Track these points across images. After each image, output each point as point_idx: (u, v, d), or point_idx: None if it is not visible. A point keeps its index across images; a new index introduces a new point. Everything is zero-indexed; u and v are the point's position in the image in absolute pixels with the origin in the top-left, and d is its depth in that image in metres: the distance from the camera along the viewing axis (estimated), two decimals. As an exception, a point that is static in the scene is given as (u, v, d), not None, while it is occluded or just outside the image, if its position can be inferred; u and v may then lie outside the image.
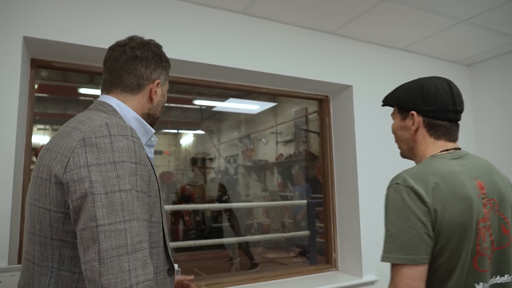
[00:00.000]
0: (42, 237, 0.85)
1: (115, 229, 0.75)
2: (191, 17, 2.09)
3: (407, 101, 1.13)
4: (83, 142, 0.82)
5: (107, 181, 0.78)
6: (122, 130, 0.85)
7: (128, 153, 0.83)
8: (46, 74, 2.07)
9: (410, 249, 0.93)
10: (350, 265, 2.55)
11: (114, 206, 0.77)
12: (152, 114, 1.08)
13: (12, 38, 1.64)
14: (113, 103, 1.00)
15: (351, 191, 2.56)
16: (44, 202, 0.84)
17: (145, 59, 1.05)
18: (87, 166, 0.79)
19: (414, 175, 1.00)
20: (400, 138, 1.18)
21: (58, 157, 0.83)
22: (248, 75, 2.32)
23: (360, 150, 2.52)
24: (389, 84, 2.71)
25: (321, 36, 2.51)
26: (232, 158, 8.29)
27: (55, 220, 0.83)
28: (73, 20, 1.79)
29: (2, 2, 1.64)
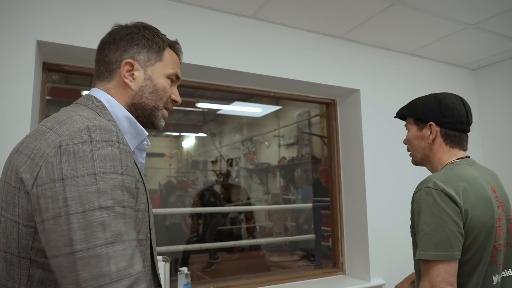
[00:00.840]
0: (8, 253, 0.72)
1: (95, 255, 0.63)
2: (200, 21, 2.10)
3: (426, 113, 1.24)
4: (58, 149, 0.68)
5: (85, 197, 0.65)
6: (106, 135, 0.72)
7: (113, 163, 0.70)
8: (57, 77, 2.08)
9: (445, 246, 1.03)
10: (357, 269, 2.55)
11: (93, 227, 0.64)
12: (138, 103, 0.90)
13: (26, 42, 1.65)
14: (103, 98, 0.87)
15: (358, 195, 2.56)
16: (12, 213, 0.71)
17: (112, 41, 0.91)
18: (62, 180, 0.66)
19: (443, 180, 1.11)
20: (415, 146, 1.29)
21: (28, 163, 0.70)
22: (255, 78, 2.33)
23: (367, 153, 2.53)
24: (396, 88, 2.74)
25: (329, 40, 2.52)
26: (234, 161, 8.29)
27: (23, 235, 0.70)
28: (85, 24, 1.80)
29: (16, 7, 1.65)
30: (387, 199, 2.52)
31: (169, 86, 0.95)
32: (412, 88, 2.78)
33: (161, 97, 0.93)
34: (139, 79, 0.90)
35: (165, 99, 0.94)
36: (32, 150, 0.71)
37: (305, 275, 2.55)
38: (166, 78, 0.94)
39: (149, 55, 0.92)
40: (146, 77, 0.91)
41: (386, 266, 2.20)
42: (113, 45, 0.91)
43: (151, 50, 0.92)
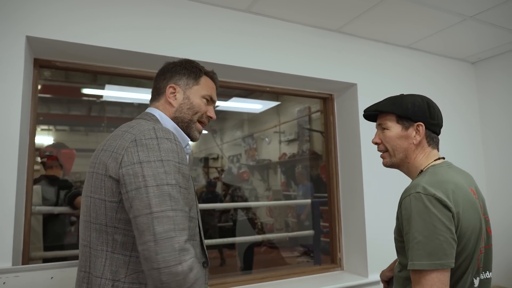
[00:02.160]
0: (98, 224, 0.98)
1: (166, 216, 0.87)
2: (194, 15, 2.07)
3: (416, 112, 1.20)
4: (134, 142, 0.95)
5: (157, 175, 0.90)
6: (166, 134, 0.98)
7: (172, 154, 0.95)
8: (49, 74, 2.06)
9: (440, 255, 0.99)
10: (355, 265, 2.53)
11: (164, 196, 0.89)
12: (179, 116, 1.17)
13: (15, 38, 1.64)
14: (156, 114, 1.15)
15: (356, 190, 2.54)
16: (99, 193, 0.97)
17: (162, 73, 1.22)
18: (140, 163, 0.91)
19: (432, 184, 1.07)
20: (396, 147, 1.24)
21: (112, 155, 0.96)
22: (251, 73, 2.31)
23: (365, 148, 2.50)
24: (394, 82, 2.70)
25: (325, 34, 2.49)
26: (236, 157, 8.27)
27: (109, 209, 0.96)
28: (76, 19, 1.78)
29: (4, 2, 1.63)
30: (385, 194, 2.50)
31: (204, 104, 1.21)
32: (410, 82, 2.75)
33: (196, 112, 1.19)
34: (179, 98, 1.18)
35: (200, 114, 1.20)
36: (114, 147, 0.98)
37: (303, 271, 2.53)
38: (201, 98, 1.20)
39: (188, 81, 1.20)
40: (185, 97, 1.19)
41: (384, 262, 2.16)
42: (162, 76, 1.21)
43: (190, 77, 1.20)
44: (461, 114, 3.04)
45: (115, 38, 1.86)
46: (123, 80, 4.33)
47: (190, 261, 0.86)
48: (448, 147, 2.22)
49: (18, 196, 1.62)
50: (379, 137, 1.28)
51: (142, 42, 1.92)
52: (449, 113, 2.87)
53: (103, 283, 0.95)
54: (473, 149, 3.07)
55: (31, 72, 1.84)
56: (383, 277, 1.48)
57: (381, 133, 1.27)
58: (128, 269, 0.95)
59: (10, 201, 1.57)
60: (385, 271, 1.49)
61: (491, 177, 3.04)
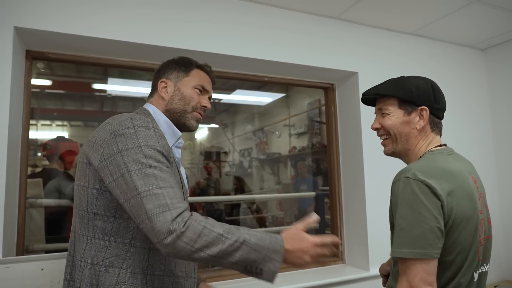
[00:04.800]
0: (80, 210, 1.04)
1: (154, 193, 0.90)
2: (193, 7, 2.04)
3: (421, 96, 1.13)
4: (113, 134, 0.99)
5: (138, 160, 0.94)
6: (144, 122, 1.02)
7: (151, 139, 0.99)
8: (43, 66, 2.06)
9: (423, 244, 0.93)
10: (356, 258, 2.47)
11: (148, 177, 0.92)
12: (171, 109, 1.21)
13: (2, 29, 1.63)
14: (149, 108, 1.21)
15: (357, 183, 2.47)
16: (84, 181, 1.03)
17: (157, 72, 1.28)
18: (120, 152, 0.96)
19: (424, 170, 1.00)
20: (400, 132, 1.15)
21: (94, 147, 1.01)
22: (249, 63, 2.26)
23: (366, 139, 2.43)
24: (397, 70, 2.58)
25: (324, 21, 2.42)
26: (246, 151, 8.25)
27: (91, 195, 1.01)
28: (68, 9, 1.76)
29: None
30: (387, 186, 2.41)
31: (197, 94, 1.23)
32: (415, 70, 2.61)
33: (189, 102, 1.22)
34: (170, 91, 1.22)
35: (194, 104, 1.22)
36: (96, 138, 1.02)
37: (303, 265, 2.48)
38: (193, 89, 1.23)
39: (178, 74, 1.24)
40: (175, 89, 1.22)
41: (385, 255, 2.10)
42: (156, 74, 1.28)
43: (180, 70, 1.25)
44: (470, 103, 2.92)
45: (110, 29, 1.83)
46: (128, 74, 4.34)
47: (182, 225, 0.88)
48: (455, 138, 2.13)
49: (8, 189, 1.62)
50: (378, 121, 1.20)
51: (138, 33, 1.89)
52: (456, 102, 2.76)
53: (82, 266, 1.00)
54: (482, 140, 2.95)
55: (22, 64, 1.84)
56: (383, 271, 1.42)
57: (381, 118, 1.19)
58: (106, 253, 1.00)
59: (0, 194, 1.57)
60: (384, 265, 1.44)
61: (502, 168, 2.92)
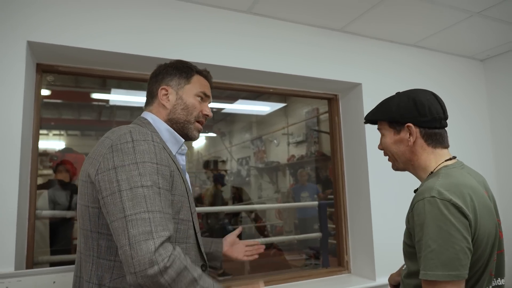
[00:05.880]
0: (84, 230, 1.00)
1: (140, 218, 0.86)
2: (195, 18, 2.07)
3: (402, 114, 1.14)
4: (111, 148, 0.95)
5: (131, 178, 0.90)
6: (143, 136, 0.98)
7: (149, 155, 0.95)
8: (52, 79, 2.08)
9: (456, 265, 0.93)
10: (363, 268, 2.48)
11: (138, 198, 0.88)
12: (173, 118, 1.17)
13: (16, 43, 1.65)
14: (148, 117, 1.16)
15: (362, 192, 2.50)
16: (84, 200, 0.99)
17: (154, 76, 1.21)
18: (114, 168, 0.92)
19: (447, 188, 0.99)
20: (395, 152, 1.19)
21: (93, 162, 0.98)
22: (254, 75, 2.29)
23: (370, 149, 2.46)
24: (400, 82, 2.66)
25: (328, 33, 2.46)
26: (244, 160, 8.26)
27: (92, 214, 0.97)
28: (77, 23, 1.78)
29: (4, 7, 1.65)
30: (392, 195, 2.45)
31: (198, 103, 1.20)
32: (416, 81, 2.70)
33: (191, 112, 1.18)
34: (172, 100, 1.17)
35: (196, 114, 1.19)
36: (95, 153, 0.99)
37: (310, 274, 2.49)
38: (195, 97, 1.19)
39: (179, 80, 1.19)
40: (177, 97, 1.18)
41: (392, 264, 2.12)
42: (154, 78, 1.21)
43: (181, 77, 1.20)
44: (469, 113, 2.97)
45: (117, 41, 1.86)
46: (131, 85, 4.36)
47: (167, 259, 0.85)
48: (455, 147, 2.16)
49: (20, 201, 1.63)
50: (380, 142, 1.25)
51: (145, 45, 1.91)
52: (457, 112, 2.81)
53: (90, 287, 0.97)
54: (482, 149, 2.99)
55: (33, 77, 1.85)
56: (392, 282, 1.42)
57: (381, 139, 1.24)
58: (112, 273, 0.96)
59: (12, 206, 1.57)
60: (394, 275, 1.44)
61: (502, 178, 2.96)
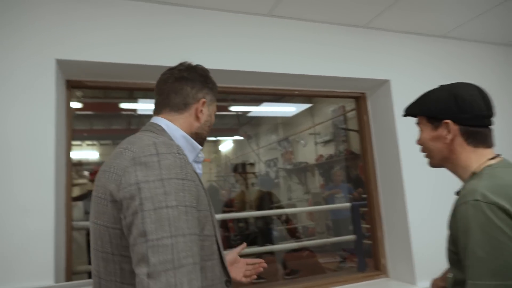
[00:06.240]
0: (104, 253, 0.90)
1: (162, 244, 0.78)
2: (217, 24, 2.06)
3: (440, 110, 1.08)
4: (133, 161, 0.86)
5: (155, 197, 0.81)
6: (168, 148, 0.89)
7: (175, 170, 0.86)
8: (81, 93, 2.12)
9: (507, 274, 0.86)
10: (401, 271, 2.39)
11: (161, 221, 0.79)
12: (199, 133, 1.11)
13: (45, 62, 1.69)
14: (162, 123, 1.06)
15: (396, 191, 2.41)
16: (103, 220, 0.90)
17: (191, 79, 1.11)
18: (137, 184, 0.83)
19: (492, 190, 0.92)
20: (432, 148, 1.13)
21: (112, 177, 0.88)
22: (278, 78, 2.26)
23: (403, 147, 2.37)
24: (430, 75, 2.55)
25: (352, 31, 2.40)
26: (272, 162, 8.24)
27: (113, 236, 0.88)
28: (101, 39, 1.81)
29: (32, 28, 1.70)
30: (430, 194, 2.35)
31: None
32: (447, 73, 2.58)
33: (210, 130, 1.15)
34: (205, 115, 1.11)
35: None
36: (114, 167, 0.89)
37: (345, 279, 2.42)
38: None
39: (212, 97, 1.15)
40: (208, 114, 1.13)
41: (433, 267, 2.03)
42: (191, 82, 1.11)
43: (213, 93, 1.16)
44: (506, 104, 2.81)
45: (142, 53, 1.88)
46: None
47: None
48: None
49: (57, 213, 1.66)
50: (418, 138, 1.19)
51: (168, 55, 1.91)
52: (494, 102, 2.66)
53: None
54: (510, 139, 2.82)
55: (63, 93, 1.90)
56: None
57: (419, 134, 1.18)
58: None
59: (49, 218, 1.61)
60: (437, 280, 1.35)
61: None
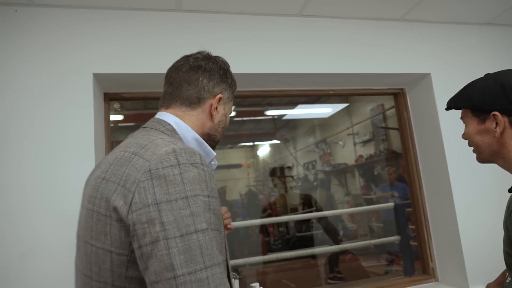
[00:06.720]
0: (101, 282, 0.72)
1: (196, 279, 0.63)
2: (248, 28, 2.05)
3: (486, 101, 1.01)
4: (149, 174, 0.69)
5: (181, 221, 0.65)
6: (191, 158, 0.72)
7: (200, 185, 0.70)
8: (119, 105, 2.19)
9: None
10: (452, 275, 2.25)
11: (192, 251, 0.64)
12: (212, 134, 0.95)
13: (83, 77, 1.76)
14: (171, 120, 0.89)
15: (443, 191, 2.27)
16: (104, 242, 0.71)
17: (208, 70, 0.95)
18: (157, 204, 0.66)
19: None
20: (479, 143, 1.05)
21: (119, 190, 0.70)
22: (312, 78, 2.21)
23: (448, 143, 2.24)
24: (473, 66, 2.39)
25: (387, 24, 2.30)
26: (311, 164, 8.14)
27: (117, 263, 0.70)
28: (135, 51, 1.86)
29: (69, 45, 1.77)
30: (479, 193, 2.20)
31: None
32: (493, 63, 2.41)
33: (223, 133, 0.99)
34: (220, 114, 0.96)
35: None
36: (120, 177, 0.71)
37: (392, 284, 2.31)
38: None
39: (229, 94, 0.99)
40: (224, 113, 0.98)
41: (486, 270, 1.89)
42: (208, 73, 0.94)
43: (231, 90, 1.00)
44: None
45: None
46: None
47: None
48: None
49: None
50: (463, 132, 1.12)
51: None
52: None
53: None
54: None
55: (101, 105, 1.96)
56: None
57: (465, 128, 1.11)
58: None
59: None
60: (491, 285, 1.26)
61: None
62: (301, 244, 4.98)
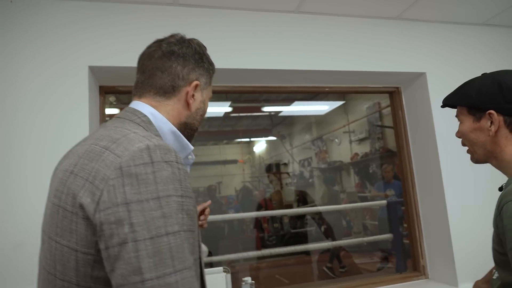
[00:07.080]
0: (65, 281, 0.68)
1: (165, 284, 0.60)
2: (245, 24, 2.05)
3: (483, 99, 1.01)
4: (120, 171, 0.65)
5: (152, 222, 0.62)
6: (165, 155, 0.68)
7: (174, 185, 0.67)
8: (114, 99, 2.19)
9: None
10: (442, 272, 2.28)
11: (162, 254, 0.62)
12: (189, 123, 0.90)
13: (79, 70, 1.75)
14: (147, 111, 0.84)
15: (435, 190, 2.29)
16: (69, 240, 0.67)
17: (182, 55, 0.88)
18: (126, 204, 0.63)
19: None
20: (474, 141, 1.06)
21: (86, 186, 0.66)
22: (309, 75, 2.22)
23: (441, 143, 2.25)
24: (468, 66, 2.41)
25: (384, 23, 2.31)
26: (306, 161, 8.16)
27: (82, 263, 0.67)
28: (131, 44, 1.85)
29: (65, 37, 1.76)
30: (470, 191, 2.22)
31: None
32: (488, 63, 2.42)
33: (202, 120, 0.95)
34: (197, 101, 0.91)
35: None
36: (89, 172, 0.67)
37: (382, 281, 2.34)
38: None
39: (207, 79, 0.93)
40: (201, 100, 0.92)
41: (475, 268, 1.92)
42: (182, 59, 0.88)
43: (209, 75, 0.94)
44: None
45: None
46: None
47: None
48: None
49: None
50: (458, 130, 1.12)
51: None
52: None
53: None
54: None
55: (97, 98, 1.96)
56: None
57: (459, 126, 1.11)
58: None
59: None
60: (479, 282, 1.28)
61: None
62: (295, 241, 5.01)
